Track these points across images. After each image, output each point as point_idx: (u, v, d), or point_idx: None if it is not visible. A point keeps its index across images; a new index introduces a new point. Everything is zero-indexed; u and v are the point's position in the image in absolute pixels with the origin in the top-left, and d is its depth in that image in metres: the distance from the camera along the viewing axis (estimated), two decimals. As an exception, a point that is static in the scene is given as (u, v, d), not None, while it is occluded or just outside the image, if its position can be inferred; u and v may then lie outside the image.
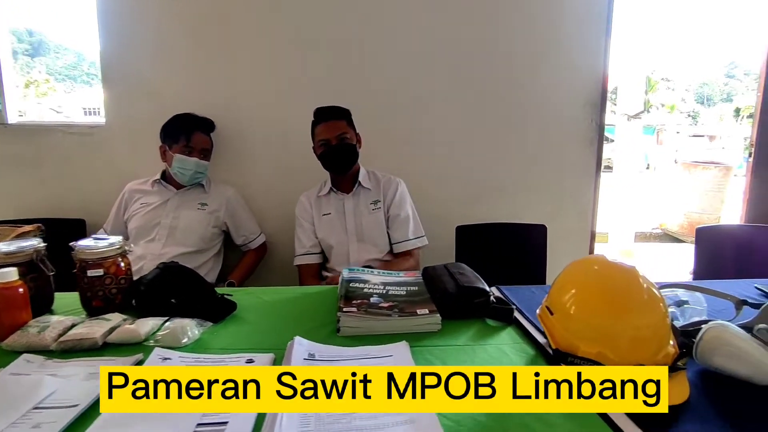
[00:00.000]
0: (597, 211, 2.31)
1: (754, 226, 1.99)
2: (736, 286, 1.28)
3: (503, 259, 1.87)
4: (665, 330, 0.77)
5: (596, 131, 2.23)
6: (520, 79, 2.15)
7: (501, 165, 2.21)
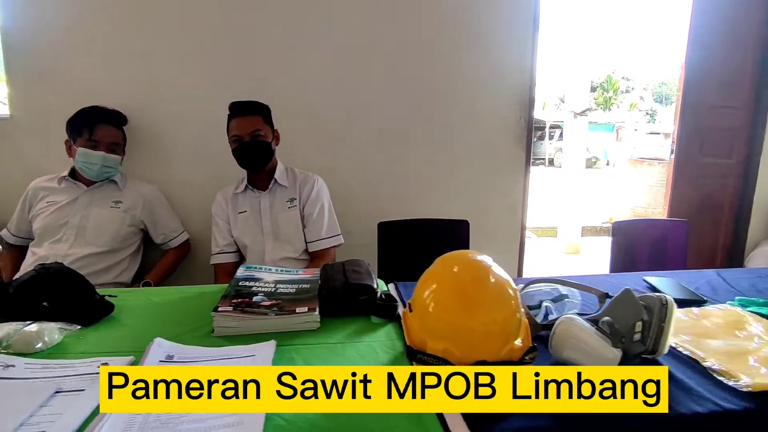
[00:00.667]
0: (527, 206, 2.36)
1: (669, 221, 2.06)
2: (627, 278, 1.32)
3: (426, 256, 1.87)
4: (513, 326, 0.78)
5: (525, 128, 2.27)
6: (449, 77, 2.16)
7: (431, 162, 2.22)
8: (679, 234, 2.02)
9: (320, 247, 1.71)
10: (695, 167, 2.58)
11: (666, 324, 0.81)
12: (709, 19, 2.42)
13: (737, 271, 1.43)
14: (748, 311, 1.06)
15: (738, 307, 1.09)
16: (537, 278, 1.02)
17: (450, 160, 2.24)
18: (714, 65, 2.48)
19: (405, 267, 1.88)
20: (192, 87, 1.99)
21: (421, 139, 2.19)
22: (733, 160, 2.61)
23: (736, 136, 2.59)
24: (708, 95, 2.51)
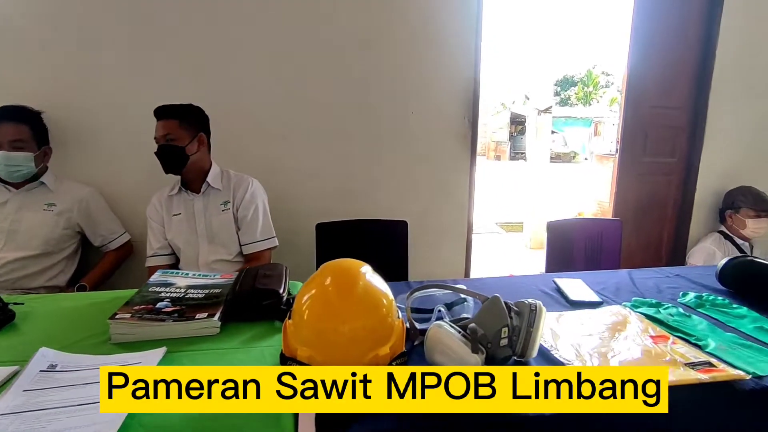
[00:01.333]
0: (473, 204, 2.40)
1: (604, 220, 2.12)
2: (537, 279, 1.37)
3: (364, 257, 1.89)
4: (382, 332, 0.81)
5: (469, 127, 2.30)
6: (392, 77, 2.18)
7: (376, 161, 2.24)
8: (614, 233, 2.08)
9: (254, 250, 1.72)
10: (639, 165, 2.65)
11: (534, 329, 0.85)
12: (650, 20, 2.47)
13: (648, 271, 1.48)
14: (636, 312, 1.11)
15: (629, 308, 1.13)
16: (424, 284, 1.05)
17: (395, 160, 2.26)
18: (656, 65, 2.54)
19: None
20: (130, 91, 1.98)
21: (366, 139, 2.21)
22: (676, 158, 2.68)
23: (678, 135, 2.66)
24: (650, 95, 2.57)
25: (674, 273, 1.46)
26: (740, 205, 2.54)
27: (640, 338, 0.97)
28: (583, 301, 1.18)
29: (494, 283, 1.34)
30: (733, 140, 2.67)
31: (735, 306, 1.17)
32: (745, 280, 1.26)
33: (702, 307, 1.16)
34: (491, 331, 0.82)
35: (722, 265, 1.30)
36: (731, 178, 2.67)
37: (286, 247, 2.08)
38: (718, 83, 2.56)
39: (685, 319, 1.08)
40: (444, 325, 0.83)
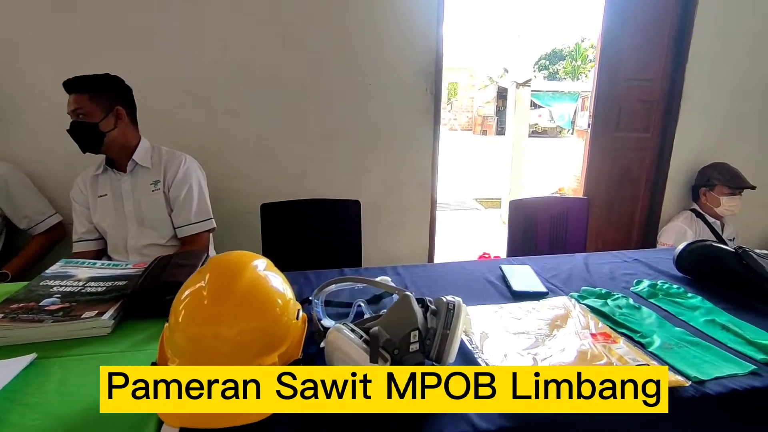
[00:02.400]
0: (437, 180, 2.28)
1: (569, 199, 2.02)
2: (484, 266, 1.26)
3: (314, 239, 1.79)
4: (271, 337, 0.70)
5: (432, 100, 2.16)
6: (348, 48, 2.02)
7: (332, 138, 2.10)
8: (580, 212, 1.98)
9: (189, 233, 1.59)
10: (612, 140, 2.54)
11: (451, 331, 0.74)
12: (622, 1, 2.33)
13: (606, 255, 1.38)
14: (582, 304, 1.01)
15: (575, 300, 1.04)
16: (339, 278, 0.94)
17: (352, 137, 2.12)
18: (630, 37, 2.40)
19: (292, 252, 1.81)
20: (56, 54, 1.79)
21: (321, 114, 2.07)
22: (650, 133, 2.58)
23: (653, 109, 2.55)
24: (624, 67, 2.44)
25: (633, 257, 1.37)
26: (715, 183, 2.46)
27: (578, 336, 0.87)
28: (528, 291, 1.08)
29: (437, 271, 1.24)
30: (709, 116, 2.57)
31: (690, 295, 1.08)
32: (702, 266, 1.17)
33: (654, 297, 1.07)
34: (399, 335, 0.71)
35: (679, 251, 1.21)
36: (706, 155, 2.58)
37: (232, 230, 1.97)
38: (695, 57, 2.44)
39: (633, 312, 0.99)
40: (343, 328, 0.72)
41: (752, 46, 2.52)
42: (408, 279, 1.17)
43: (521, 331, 0.89)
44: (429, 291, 1.10)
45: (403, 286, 1.13)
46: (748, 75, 2.56)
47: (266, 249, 1.75)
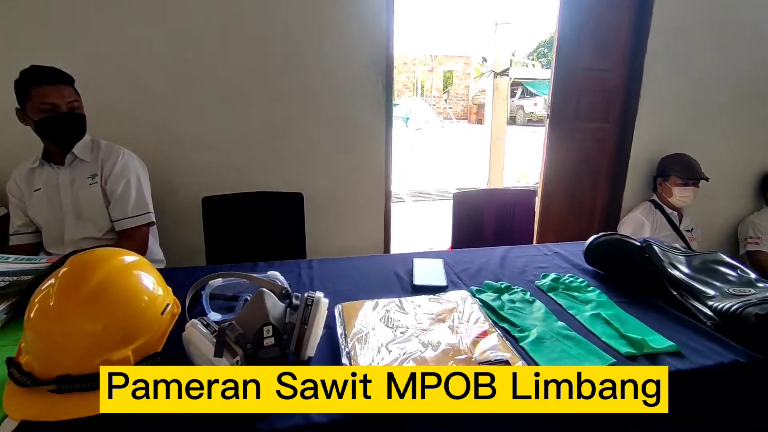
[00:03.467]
0: (391, 172, 2.28)
1: (516, 190, 2.02)
2: (398, 259, 1.27)
3: (256, 233, 1.80)
4: (124, 333, 0.71)
5: (384, 92, 2.15)
6: (297, 39, 2.01)
7: (281, 130, 2.09)
8: (527, 204, 1.98)
9: (126, 227, 1.60)
10: (571, 131, 2.53)
11: (309, 326, 0.75)
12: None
13: (530, 248, 1.39)
14: (477, 298, 1.02)
15: (470, 294, 1.04)
16: (215, 274, 0.94)
17: (304, 129, 2.11)
18: (588, 26, 2.38)
19: (235, 245, 1.82)
20: None
21: (271, 106, 2.06)
22: (609, 123, 2.57)
23: (612, 99, 2.53)
24: (583, 57, 2.43)
25: (554, 250, 1.37)
26: (669, 173, 2.46)
27: (451, 331, 0.88)
28: (427, 285, 1.09)
29: (349, 265, 1.24)
30: (669, 106, 2.55)
31: (590, 289, 1.09)
32: (609, 260, 1.18)
33: (554, 291, 1.08)
34: (252, 329, 0.73)
35: (587, 244, 1.21)
36: (666, 145, 2.57)
37: (178, 224, 1.98)
38: (653, 47, 2.42)
39: (524, 306, 1.00)
40: (198, 323, 0.73)
41: (714, 37, 2.50)
42: (318, 273, 1.18)
43: (401, 326, 0.90)
44: (332, 285, 1.11)
45: (309, 280, 1.14)
46: (709, 65, 2.54)
47: (209, 242, 1.77)
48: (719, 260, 1.12)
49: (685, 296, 1.01)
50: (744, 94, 2.64)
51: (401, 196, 5.52)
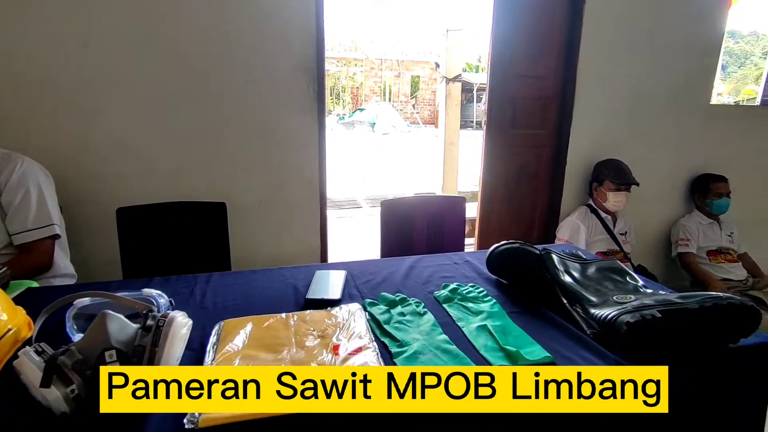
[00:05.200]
0: (325, 178, 2.25)
1: (445, 197, 2.02)
2: (299, 271, 1.24)
3: (174, 244, 1.73)
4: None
5: (315, 99, 2.12)
6: (224, 44, 1.95)
7: (211, 137, 2.03)
8: (457, 211, 1.98)
9: (25, 240, 1.50)
10: (508, 137, 2.56)
11: (159, 349, 0.71)
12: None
13: (440, 257, 1.38)
14: (367, 311, 1.00)
15: (361, 307, 1.02)
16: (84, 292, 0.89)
17: (233, 135, 2.06)
18: (522, 34, 2.42)
19: (153, 258, 1.75)
20: None
21: (198, 113, 1.99)
22: (546, 129, 2.61)
23: (548, 105, 2.58)
24: (517, 64, 2.46)
25: (465, 259, 1.37)
26: (603, 178, 2.52)
27: (324, 348, 0.85)
28: (320, 299, 1.06)
29: (246, 279, 1.20)
30: (602, 112, 2.62)
31: (486, 299, 1.08)
32: (509, 268, 1.18)
33: (449, 302, 1.07)
34: (93, 355, 0.68)
35: (488, 253, 1.21)
36: (600, 151, 2.64)
37: (89, 236, 1.89)
38: (585, 54, 2.48)
39: (413, 319, 0.98)
40: (30, 351, 0.67)
41: (643, 47, 2.58)
42: (213, 288, 1.14)
43: (278, 343, 0.87)
44: (224, 301, 1.07)
45: (201, 296, 1.10)
46: (639, 74, 2.62)
47: (125, 255, 1.69)
48: (614, 268, 1.14)
49: (573, 304, 1.01)
50: (673, 101, 2.74)
51: (359, 202, 5.50)
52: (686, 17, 2.63)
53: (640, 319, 0.85)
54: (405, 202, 1.93)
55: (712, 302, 0.87)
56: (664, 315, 0.86)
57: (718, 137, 2.90)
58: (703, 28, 2.69)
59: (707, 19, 2.69)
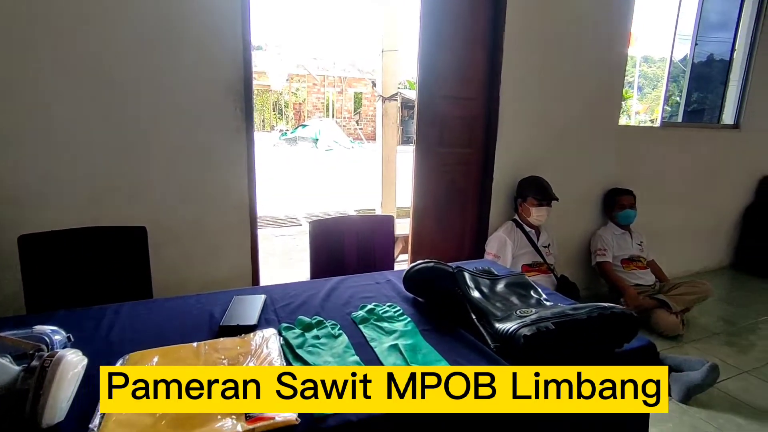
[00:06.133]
0: (255, 197, 2.22)
1: (374, 216, 2.07)
2: (216, 298, 1.22)
3: (91, 273, 1.64)
4: None
5: (243, 119, 2.11)
6: (148, 67, 1.90)
7: (135, 160, 1.95)
8: (386, 230, 2.03)
9: None
10: (437, 156, 2.66)
11: (44, 392, 0.68)
12: (438, 20, 2.46)
13: (364, 277, 1.41)
14: (283, 336, 1.00)
15: (277, 331, 1.02)
16: None
17: (159, 158, 1.99)
18: (448, 59, 2.54)
19: (63, 290, 1.64)
20: None
21: (122, 135, 1.91)
22: (473, 148, 2.74)
23: (474, 125, 2.71)
24: (445, 86, 2.57)
25: (387, 278, 1.41)
26: (526, 194, 2.67)
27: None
28: (234, 325, 1.05)
29: (159, 308, 1.16)
30: (524, 132, 2.79)
31: (401, 318, 1.12)
32: (424, 287, 1.23)
33: (365, 323, 1.10)
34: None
35: (405, 273, 1.26)
36: (524, 169, 2.80)
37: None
38: (507, 77, 2.64)
39: (327, 342, 0.99)
40: None
41: (559, 72, 2.80)
42: (123, 320, 1.09)
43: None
44: (133, 333, 1.03)
45: (108, 329, 1.05)
46: (556, 97, 2.83)
47: (29, 288, 1.57)
48: (520, 283, 1.21)
49: (481, 320, 1.07)
50: (586, 123, 2.97)
51: (299, 220, 5.45)
52: (593, 50, 2.89)
53: (536, 331, 0.92)
54: (334, 222, 1.94)
55: (598, 312, 0.95)
56: (557, 326, 0.92)
57: (625, 155, 3.18)
58: (609, 59, 2.97)
59: (612, 51, 2.96)
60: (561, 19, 2.74)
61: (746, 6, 3.55)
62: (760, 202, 3.99)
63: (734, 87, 3.76)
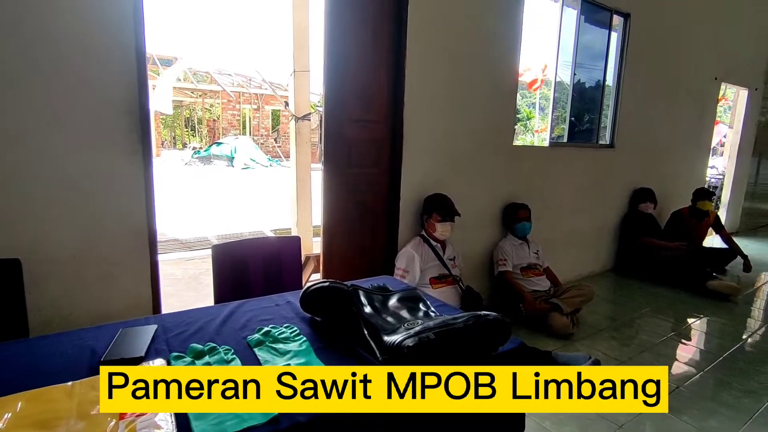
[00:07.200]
0: (154, 222, 2.12)
1: (282, 238, 2.07)
2: (107, 331, 1.16)
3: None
4: None
5: (139, 142, 2.02)
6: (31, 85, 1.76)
7: (12, 187, 1.78)
8: (293, 251, 2.04)
9: None
10: (346, 176, 2.73)
11: None
12: (341, 45, 2.55)
13: (264, 300, 1.42)
14: (173, 366, 0.99)
15: (164, 363, 1.00)
16: None
17: (40, 184, 1.83)
18: (354, 83, 2.63)
19: None
20: None
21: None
22: (380, 168, 2.85)
23: (381, 147, 2.83)
24: (351, 110, 2.66)
25: (287, 299, 1.43)
26: (431, 211, 2.83)
27: (106, 415, 0.82)
28: (118, 359, 1.00)
29: (35, 346, 1.08)
30: (427, 153, 2.96)
31: (297, 338, 1.14)
32: (321, 307, 1.26)
33: (260, 345, 1.11)
34: None
35: (300, 294, 1.29)
36: (428, 187, 2.96)
37: None
38: (409, 101, 2.79)
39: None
40: None
41: (457, 97, 3.01)
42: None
43: (55, 417, 0.80)
44: (-2, 376, 0.95)
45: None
46: (454, 120, 3.04)
47: None
48: (411, 297, 1.30)
49: (372, 334, 1.12)
50: (484, 143, 3.22)
51: (211, 241, 5.24)
52: (488, 78, 3.15)
53: (418, 342, 0.98)
54: (237, 245, 1.92)
55: (474, 320, 1.05)
56: (437, 336, 1.00)
57: (520, 172, 3.48)
58: (502, 86, 3.26)
59: (504, 81, 3.26)
60: (457, 52, 2.97)
61: (612, 39, 4.08)
62: (632, 211, 4.55)
63: (609, 111, 4.29)
